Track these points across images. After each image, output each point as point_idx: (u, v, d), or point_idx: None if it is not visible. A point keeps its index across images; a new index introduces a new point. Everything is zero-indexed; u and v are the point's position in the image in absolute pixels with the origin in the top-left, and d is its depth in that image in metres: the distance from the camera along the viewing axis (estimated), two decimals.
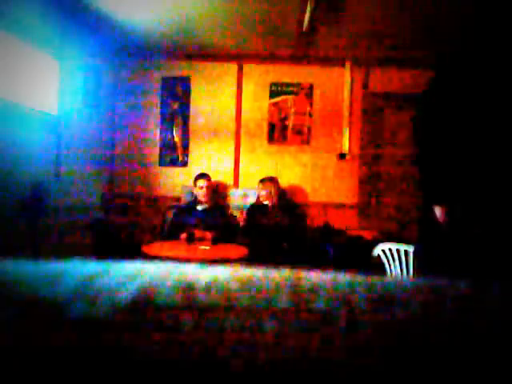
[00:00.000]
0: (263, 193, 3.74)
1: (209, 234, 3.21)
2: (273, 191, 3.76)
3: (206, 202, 3.56)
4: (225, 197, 4.25)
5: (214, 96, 4.36)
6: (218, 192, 4.18)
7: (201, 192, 3.55)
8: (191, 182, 4.23)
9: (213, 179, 4.33)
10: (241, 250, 2.92)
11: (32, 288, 0.25)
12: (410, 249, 2.50)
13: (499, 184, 1.03)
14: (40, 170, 3.06)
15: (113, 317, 0.23)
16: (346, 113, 4.29)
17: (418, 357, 0.23)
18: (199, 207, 3.54)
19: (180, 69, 4.36)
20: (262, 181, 3.83)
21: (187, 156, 4.37)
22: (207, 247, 2.96)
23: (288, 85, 4.34)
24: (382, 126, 4.26)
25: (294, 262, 3.16)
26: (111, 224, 4.03)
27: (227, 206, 4.15)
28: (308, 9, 3.04)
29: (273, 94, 4.34)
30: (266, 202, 3.76)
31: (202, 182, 3.57)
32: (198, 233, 3.19)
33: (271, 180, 3.83)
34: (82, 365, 0.23)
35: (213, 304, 0.24)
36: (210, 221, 3.42)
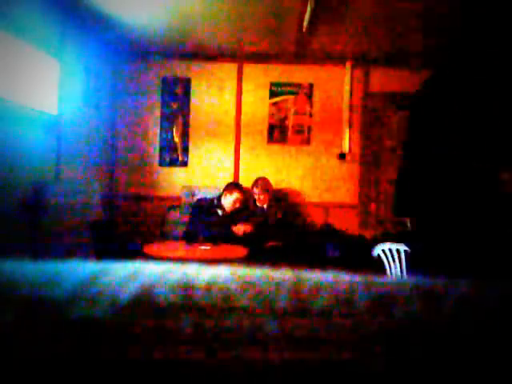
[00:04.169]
0: (262, 197, 3.70)
1: (248, 227, 3.29)
2: (269, 191, 3.75)
3: (228, 212, 3.44)
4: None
5: (213, 96, 4.36)
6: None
7: (230, 205, 3.41)
8: (191, 182, 4.24)
9: (213, 179, 4.32)
10: (241, 250, 2.93)
11: (32, 288, 0.25)
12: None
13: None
14: (40, 170, 3.06)
15: (113, 317, 0.23)
16: (346, 113, 4.29)
17: (418, 357, 0.23)
18: (220, 211, 3.44)
19: (180, 69, 4.36)
20: (256, 185, 3.76)
21: (187, 156, 4.37)
22: (207, 247, 2.96)
23: (288, 85, 4.34)
24: (382, 125, 4.26)
25: (294, 261, 3.16)
26: (111, 224, 4.03)
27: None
28: (308, 9, 3.04)
29: (273, 94, 4.34)
30: (264, 206, 3.72)
31: (237, 195, 3.42)
32: (241, 228, 3.30)
33: (264, 181, 3.80)
34: (83, 365, 0.23)
35: (213, 304, 0.24)
36: (230, 225, 3.37)
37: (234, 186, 3.52)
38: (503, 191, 1.01)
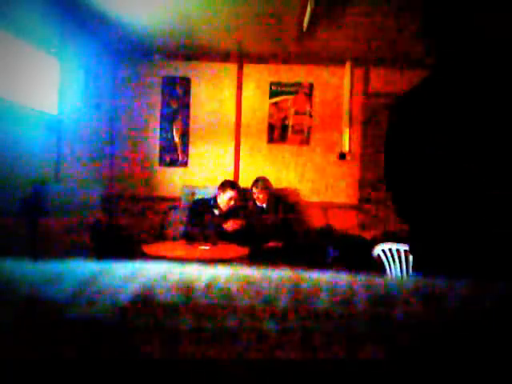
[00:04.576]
0: (261, 196, 3.69)
1: (237, 223, 3.27)
2: (268, 191, 3.73)
3: (224, 210, 3.41)
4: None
5: (214, 96, 4.36)
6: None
7: (225, 203, 3.36)
8: (191, 182, 4.23)
9: (212, 179, 4.32)
10: (241, 250, 2.93)
11: (32, 288, 0.25)
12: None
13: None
14: (40, 170, 3.06)
15: (113, 317, 0.23)
16: (346, 113, 4.29)
17: (417, 357, 0.23)
18: (216, 211, 3.40)
19: (180, 69, 4.36)
20: (255, 185, 3.73)
21: (187, 156, 4.37)
22: (207, 247, 2.96)
23: (288, 85, 4.33)
24: (381, 125, 4.25)
25: (294, 262, 3.16)
26: (111, 224, 4.03)
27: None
28: (308, 9, 3.04)
29: (273, 94, 4.34)
30: (264, 205, 3.71)
31: (231, 193, 3.34)
32: (230, 224, 3.28)
33: (264, 181, 3.77)
34: (82, 365, 0.23)
35: (213, 304, 0.24)
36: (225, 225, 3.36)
37: (227, 184, 3.45)
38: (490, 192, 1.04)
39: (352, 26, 3.38)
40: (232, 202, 3.37)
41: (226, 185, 3.43)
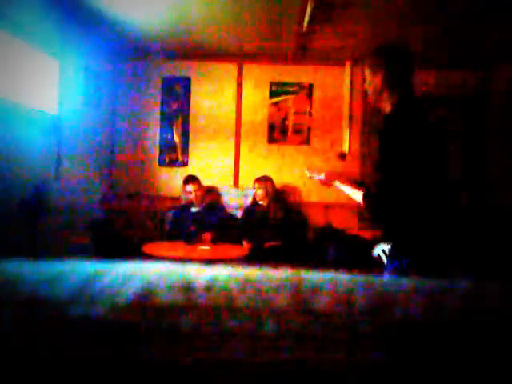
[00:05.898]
0: (259, 192, 3.73)
1: (208, 236, 3.20)
2: (269, 190, 3.75)
3: (197, 205, 3.53)
4: (223, 197, 4.24)
5: (214, 96, 4.35)
6: (216, 192, 4.15)
7: (190, 196, 3.52)
8: None
9: (212, 179, 4.32)
10: (241, 250, 2.93)
11: (32, 288, 0.25)
12: None
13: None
14: (40, 170, 3.06)
15: (113, 317, 0.23)
16: (346, 113, 4.29)
17: (418, 356, 0.23)
18: (193, 209, 3.52)
19: (180, 69, 4.36)
20: (257, 180, 3.80)
21: (187, 156, 4.37)
22: (207, 247, 2.96)
23: (288, 85, 4.33)
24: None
25: (294, 261, 3.16)
26: (111, 224, 4.03)
27: (224, 206, 4.08)
28: (308, 9, 3.03)
29: (273, 94, 4.34)
30: (261, 202, 3.74)
31: (189, 187, 3.52)
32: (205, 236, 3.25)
33: (266, 179, 3.81)
34: (83, 364, 0.23)
35: (213, 304, 0.24)
36: (204, 222, 3.41)
37: (185, 180, 3.60)
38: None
39: (352, 25, 3.38)
40: (192, 195, 3.49)
41: (185, 180, 3.59)
